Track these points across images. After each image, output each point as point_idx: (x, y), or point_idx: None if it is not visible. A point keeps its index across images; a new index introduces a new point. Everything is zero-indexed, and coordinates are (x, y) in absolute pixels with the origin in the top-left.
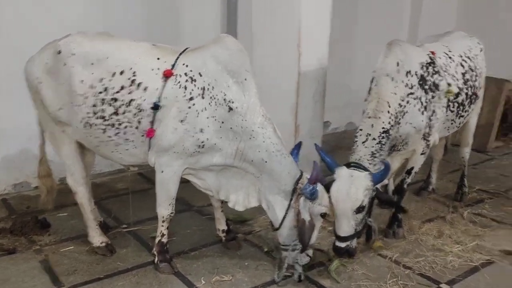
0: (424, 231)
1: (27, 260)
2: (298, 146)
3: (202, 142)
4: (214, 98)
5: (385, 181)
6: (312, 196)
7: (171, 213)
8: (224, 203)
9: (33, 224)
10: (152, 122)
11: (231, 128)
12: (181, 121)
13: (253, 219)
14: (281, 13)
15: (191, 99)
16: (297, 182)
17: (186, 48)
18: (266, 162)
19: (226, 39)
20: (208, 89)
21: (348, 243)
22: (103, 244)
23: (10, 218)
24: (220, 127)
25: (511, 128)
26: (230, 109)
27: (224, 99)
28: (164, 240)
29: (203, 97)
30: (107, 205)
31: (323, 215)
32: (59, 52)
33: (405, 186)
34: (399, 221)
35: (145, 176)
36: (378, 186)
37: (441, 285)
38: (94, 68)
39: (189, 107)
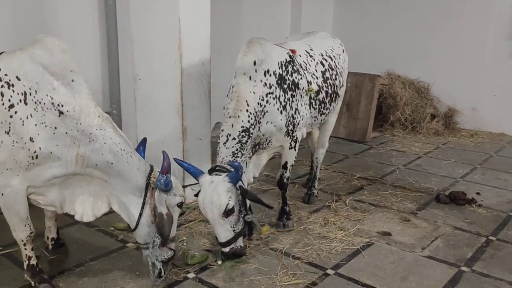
0: (311, 220)
1: None
2: (143, 142)
3: (35, 152)
4: (40, 102)
5: (251, 179)
6: (167, 187)
7: (31, 233)
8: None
9: None
10: None
11: (66, 133)
12: (6, 132)
13: None
14: (160, 15)
15: (11, 106)
16: (149, 177)
17: (2, 52)
18: (112, 163)
19: (45, 39)
20: (30, 93)
21: (232, 246)
22: None
23: None
24: (54, 133)
25: (386, 119)
26: (61, 113)
27: (52, 103)
28: (33, 262)
29: (26, 103)
30: None
31: (180, 205)
32: None
33: (285, 180)
34: (287, 213)
35: None
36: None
37: (327, 271)
38: None
39: (11, 116)
